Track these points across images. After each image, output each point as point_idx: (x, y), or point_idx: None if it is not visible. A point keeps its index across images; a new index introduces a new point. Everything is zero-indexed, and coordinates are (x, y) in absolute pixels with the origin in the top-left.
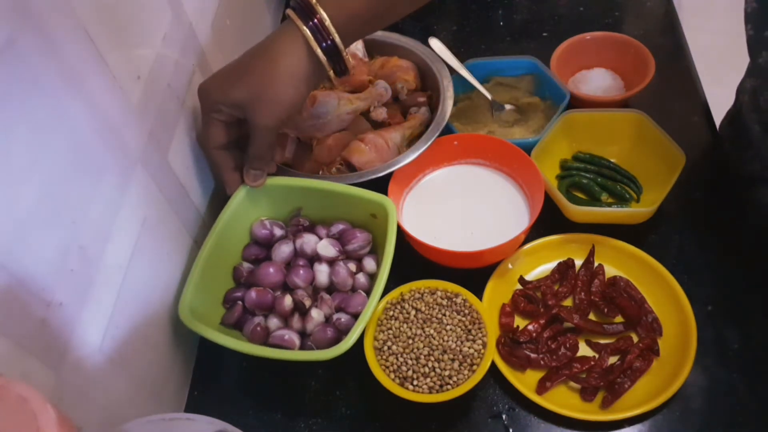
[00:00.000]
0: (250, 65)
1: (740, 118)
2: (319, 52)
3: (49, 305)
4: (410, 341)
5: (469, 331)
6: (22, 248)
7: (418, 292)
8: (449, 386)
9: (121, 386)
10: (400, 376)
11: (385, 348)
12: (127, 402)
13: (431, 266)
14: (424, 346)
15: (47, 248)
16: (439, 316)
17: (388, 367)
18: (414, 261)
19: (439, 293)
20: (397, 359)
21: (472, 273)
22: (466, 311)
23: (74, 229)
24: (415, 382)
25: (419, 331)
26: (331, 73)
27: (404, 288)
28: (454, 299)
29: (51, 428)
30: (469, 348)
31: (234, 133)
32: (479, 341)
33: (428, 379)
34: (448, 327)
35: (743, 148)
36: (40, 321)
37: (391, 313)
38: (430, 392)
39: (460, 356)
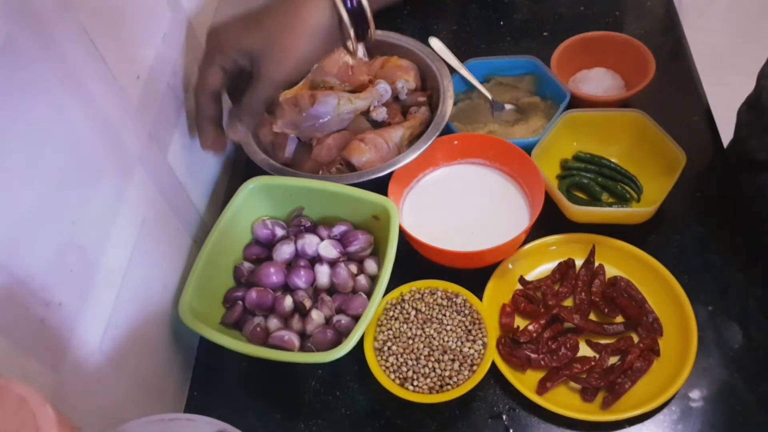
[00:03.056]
0: (270, 13)
1: (760, 103)
2: (343, 11)
3: (48, 305)
4: (410, 341)
5: (470, 331)
6: (21, 248)
7: (419, 293)
8: (449, 386)
9: (120, 386)
10: (400, 376)
11: (385, 348)
12: (127, 402)
13: (431, 266)
14: (424, 347)
15: (47, 248)
16: (440, 316)
17: (388, 368)
18: (414, 261)
19: (439, 293)
20: (397, 359)
21: (473, 273)
22: (467, 311)
23: (74, 229)
24: (415, 383)
25: (419, 332)
26: (353, 34)
27: (404, 288)
28: (454, 299)
29: (50, 428)
30: (469, 348)
31: (229, 84)
32: (479, 342)
33: (428, 380)
34: (448, 327)
35: (761, 133)
36: (39, 321)
37: (392, 313)
38: (430, 392)
39: (460, 357)
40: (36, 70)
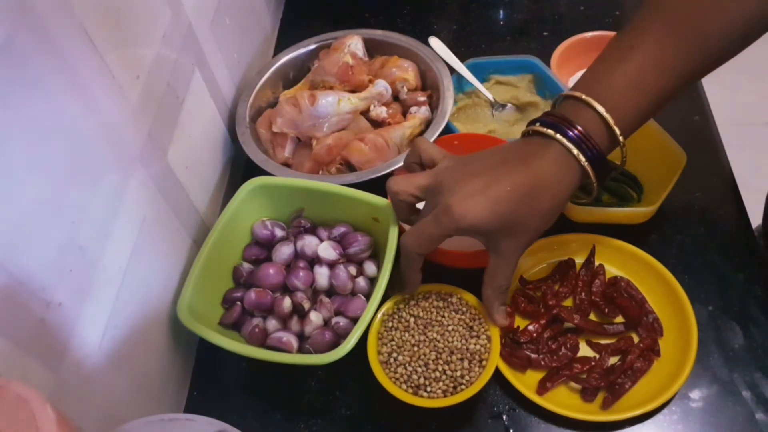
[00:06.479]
0: (505, 181)
1: None
2: (587, 165)
3: (48, 305)
4: (415, 349)
5: (471, 327)
6: (21, 248)
7: (412, 299)
8: (463, 386)
9: (120, 386)
10: (413, 385)
11: (391, 360)
12: (127, 402)
13: (431, 267)
14: (430, 351)
15: (46, 248)
16: (439, 318)
17: (398, 379)
18: None
19: (433, 296)
20: (406, 369)
21: (472, 273)
22: (464, 309)
23: (73, 229)
24: (428, 389)
25: (422, 337)
26: (595, 183)
27: (397, 297)
28: (449, 299)
29: (50, 428)
30: (475, 344)
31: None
32: (483, 336)
33: (441, 383)
34: (449, 328)
35: None
36: (39, 321)
37: (390, 324)
38: (445, 396)
39: (468, 354)
40: (35, 69)
